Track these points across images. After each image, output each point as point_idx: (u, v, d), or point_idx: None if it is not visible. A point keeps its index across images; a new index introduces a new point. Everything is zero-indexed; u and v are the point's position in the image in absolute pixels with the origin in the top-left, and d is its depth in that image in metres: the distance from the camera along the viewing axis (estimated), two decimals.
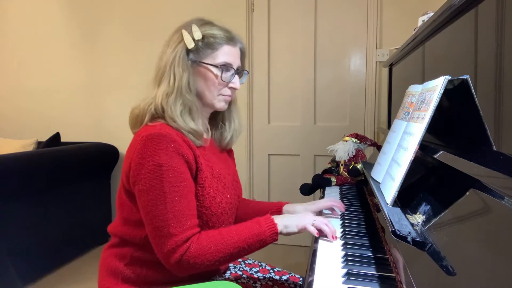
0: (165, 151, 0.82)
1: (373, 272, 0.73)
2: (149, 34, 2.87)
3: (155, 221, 0.81)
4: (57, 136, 2.81)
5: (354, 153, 1.53)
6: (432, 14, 1.15)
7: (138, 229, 0.89)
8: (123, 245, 0.93)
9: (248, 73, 1.02)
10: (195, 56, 0.92)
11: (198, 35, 0.91)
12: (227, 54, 0.93)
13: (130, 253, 0.91)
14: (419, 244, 0.61)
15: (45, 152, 2.35)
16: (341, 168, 1.57)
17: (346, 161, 1.54)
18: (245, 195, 2.75)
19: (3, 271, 1.89)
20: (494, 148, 0.65)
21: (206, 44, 0.91)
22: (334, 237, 0.90)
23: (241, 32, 2.67)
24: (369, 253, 0.83)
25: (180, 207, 0.82)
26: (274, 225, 0.87)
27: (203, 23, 0.94)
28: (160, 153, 0.82)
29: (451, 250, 0.55)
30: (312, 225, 0.90)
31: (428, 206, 0.74)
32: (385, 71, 2.22)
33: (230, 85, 0.95)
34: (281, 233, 0.89)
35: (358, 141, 1.57)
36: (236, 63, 0.96)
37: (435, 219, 0.67)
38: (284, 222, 0.89)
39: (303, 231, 0.90)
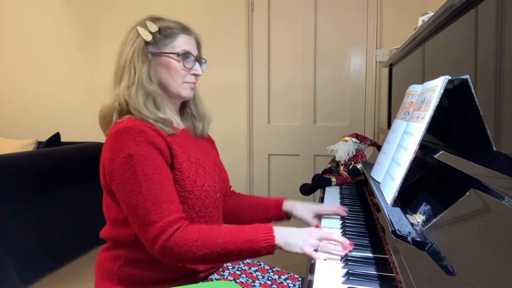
0: (133, 142, 0.83)
1: (373, 272, 0.73)
2: None
3: (135, 212, 0.82)
4: (57, 136, 2.81)
5: (354, 153, 1.53)
6: (432, 14, 1.15)
7: (126, 228, 0.90)
8: (116, 247, 0.94)
9: (206, 61, 1.05)
10: (155, 48, 0.94)
11: (154, 28, 0.94)
12: (185, 42, 0.97)
13: (124, 255, 0.92)
14: (419, 244, 0.61)
15: (45, 152, 2.35)
16: (341, 168, 1.56)
17: (346, 161, 1.54)
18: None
19: (3, 271, 1.89)
20: (494, 148, 0.65)
21: (164, 35, 0.95)
22: (346, 248, 0.83)
23: (241, 32, 2.67)
24: (369, 253, 0.83)
25: (157, 193, 0.82)
26: (272, 237, 0.82)
27: (155, 18, 0.98)
28: (129, 144, 0.83)
29: (451, 250, 0.55)
30: (317, 246, 0.84)
31: (428, 206, 0.74)
32: (385, 71, 2.22)
33: (193, 71, 0.98)
34: (280, 248, 0.84)
35: (358, 141, 1.57)
36: (194, 51, 0.99)
37: (435, 219, 0.67)
38: (286, 238, 0.83)
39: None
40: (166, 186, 0.85)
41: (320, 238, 0.85)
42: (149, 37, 0.93)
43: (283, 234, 0.84)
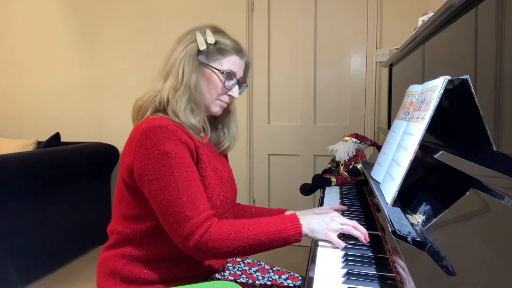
0: (168, 140, 0.84)
1: (373, 272, 0.73)
2: (149, 34, 2.87)
3: (170, 207, 0.82)
4: (57, 136, 2.81)
5: (354, 153, 1.53)
6: (432, 14, 1.15)
7: (138, 223, 0.90)
8: (122, 244, 0.94)
9: (247, 86, 1.06)
10: (204, 58, 0.95)
11: (211, 39, 0.95)
12: (233, 63, 0.98)
13: (129, 252, 0.92)
14: (419, 244, 0.61)
15: (45, 152, 2.35)
16: (341, 168, 1.57)
17: (346, 161, 1.54)
18: (245, 194, 2.75)
19: (3, 271, 1.89)
20: (494, 148, 0.65)
21: (217, 50, 0.96)
22: (366, 239, 0.86)
23: (241, 32, 2.67)
24: (369, 253, 0.83)
25: (193, 190, 0.84)
26: (299, 225, 0.85)
27: (216, 30, 0.99)
28: (164, 142, 0.83)
29: (451, 250, 0.55)
30: (341, 231, 0.87)
31: (428, 206, 0.74)
32: (385, 71, 2.22)
33: (230, 93, 0.99)
34: (306, 235, 0.86)
35: (358, 141, 1.57)
36: (239, 73, 1.00)
37: (435, 219, 0.67)
38: (310, 225, 0.86)
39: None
40: (199, 185, 0.87)
41: (342, 223, 0.88)
42: (203, 47, 0.94)
43: (307, 221, 0.87)
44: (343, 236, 0.89)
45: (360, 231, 0.87)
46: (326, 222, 0.88)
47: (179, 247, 0.84)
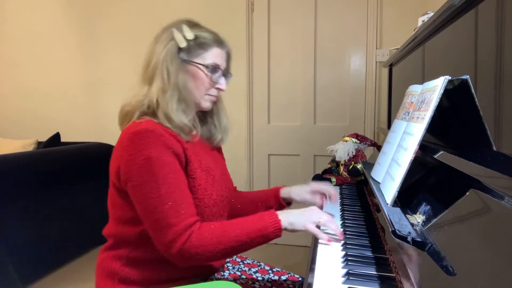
0: (153, 145, 0.83)
1: (373, 272, 0.73)
2: (149, 34, 2.85)
3: (153, 214, 0.82)
4: (57, 136, 2.81)
5: (354, 153, 1.53)
6: (432, 14, 1.15)
7: (133, 226, 0.90)
8: (119, 246, 0.93)
9: (232, 76, 1.05)
10: (186, 55, 0.93)
11: (190, 35, 0.92)
12: (216, 55, 0.96)
13: (126, 254, 0.92)
14: (419, 244, 0.61)
15: (45, 152, 2.35)
16: (341, 168, 1.57)
17: (346, 161, 1.54)
18: None
19: (3, 271, 1.89)
20: (494, 148, 0.65)
21: (198, 45, 0.93)
22: (341, 236, 0.90)
23: (241, 32, 2.68)
24: (369, 253, 0.83)
25: (175, 197, 0.83)
26: (278, 221, 0.86)
27: (193, 24, 0.96)
28: (149, 147, 0.83)
29: (451, 250, 0.55)
30: (319, 223, 0.89)
31: (428, 206, 0.74)
32: (385, 71, 2.22)
33: (217, 86, 0.98)
34: (285, 229, 0.87)
35: (358, 141, 1.57)
36: (223, 65, 0.99)
37: (435, 219, 0.67)
38: (289, 219, 0.87)
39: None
40: (183, 190, 0.86)
41: (321, 216, 0.90)
42: (183, 44, 0.92)
43: (286, 216, 0.88)
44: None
45: (332, 228, 0.89)
46: (305, 214, 0.89)
47: (162, 254, 0.84)
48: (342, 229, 0.96)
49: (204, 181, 0.93)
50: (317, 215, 0.90)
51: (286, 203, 1.15)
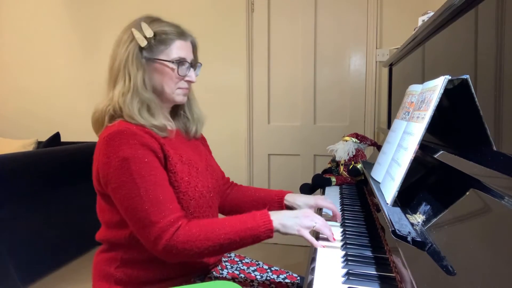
0: (127, 145, 0.83)
1: (373, 272, 0.73)
2: None
3: (135, 214, 0.82)
4: (57, 136, 2.81)
5: (354, 153, 1.53)
6: (432, 14, 1.15)
7: (122, 230, 0.90)
8: (112, 249, 0.94)
9: (201, 65, 1.04)
10: (149, 53, 0.92)
11: (149, 32, 0.92)
12: (180, 48, 0.95)
13: (120, 256, 0.92)
14: (419, 244, 0.61)
15: (45, 152, 2.35)
16: (341, 168, 1.56)
17: (346, 161, 1.54)
18: None
19: (3, 271, 1.89)
20: (494, 148, 0.65)
21: (159, 41, 0.93)
22: (334, 239, 0.89)
23: (241, 32, 2.68)
24: (369, 253, 0.83)
25: (155, 194, 0.82)
26: (270, 221, 0.85)
27: (151, 20, 0.96)
28: (123, 148, 0.83)
29: (451, 250, 0.55)
30: (313, 228, 0.88)
31: (428, 206, 0.74)
32: (385, 71, 2.22)
33: (187, 78, 0.97)
34: (278, 231, 0.86)
35: (358, 141, 1.57)
36: (189, 56, 0.97)
37: (435, 219, 0.67)
38: (282, 221, 0.85)
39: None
40: (164, 187, 0.85)
41: (315, 221, 0.88)
42: (143, 43, 0.91)
43: (279, 217, 0.86)
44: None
45: (330, 231, 0.88)
46: (299, 218, 0.87)
47: (150, 251, 0.84)
48: (339, 230, 0.96)
49: (187, 174, 0.92)
50: (311, 220, 0.87)
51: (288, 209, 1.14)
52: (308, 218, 0.88)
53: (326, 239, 0.89)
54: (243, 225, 0.84)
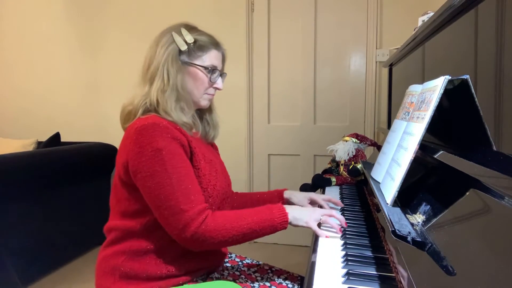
0: (161, 137, 0.88)
1: (373, 272, 0.74)
2: (150, 34, 2.85)
3: (165, 202, 0.86)
4: (57, 136, 2.81)
5: (354, 153, 1.53)
6: (432, 14, 1.15)
7: (138, 218, 0.93)
8: (121, 239, 0.95)
9: (226, 75, 1.12)
10: (186, 57, 1.00)
11: (190, 38, 0.99)
12: (214, 57, 1.03)
13: (129, 247, 0.93)
14: (419, 244, 0.61)
15: (45, 152, 2.35)
16: (341, 168, 1.57)
17: (346, 161, 1.54)
18: None
19: (3, 271, 1.89)
20: (494, 148, 0.65)
21: (197, 47, 1.00)
22: (341, 230, 0.96)
23: (241, 32, 2.67)
24: (369, 253, 0.83)
25: (186, 185, 0.88)
26: (285, 213, 0.93)
27: (190, 27, 1.03)
28: (157, 139, 0.87)
29: (451, 250, 0.55)
30: (320, 220, 0.97)
31: (428, 206, 0.74)
32: (385, 71, 2.22)
33: (215, 85, 1.05)
34: (290, 223, 0.94)
35: (358, 141, 1.57)
36: (220, 66, 1.06)
37: (435, 219, 0.67)
38: (294, 213, 0.95)
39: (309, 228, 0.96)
40: (193, 178, 0.91)
41: (322, 214, 0.98)
42: (184, 47, 0.98)
43: (292, 210, 0.96)
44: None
45: (338, 219, 0.98)
46: (308, 211, 0.98)
47: (175, 239, 0.88)
48: (342, 229, 0.97)
49: (208, 171, 0.98)
50: (318, 214, 0.97)
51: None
52: (316, 212, 0.98)
53: (329, 231, 0.97)
54: (262, 216, 0.92)
